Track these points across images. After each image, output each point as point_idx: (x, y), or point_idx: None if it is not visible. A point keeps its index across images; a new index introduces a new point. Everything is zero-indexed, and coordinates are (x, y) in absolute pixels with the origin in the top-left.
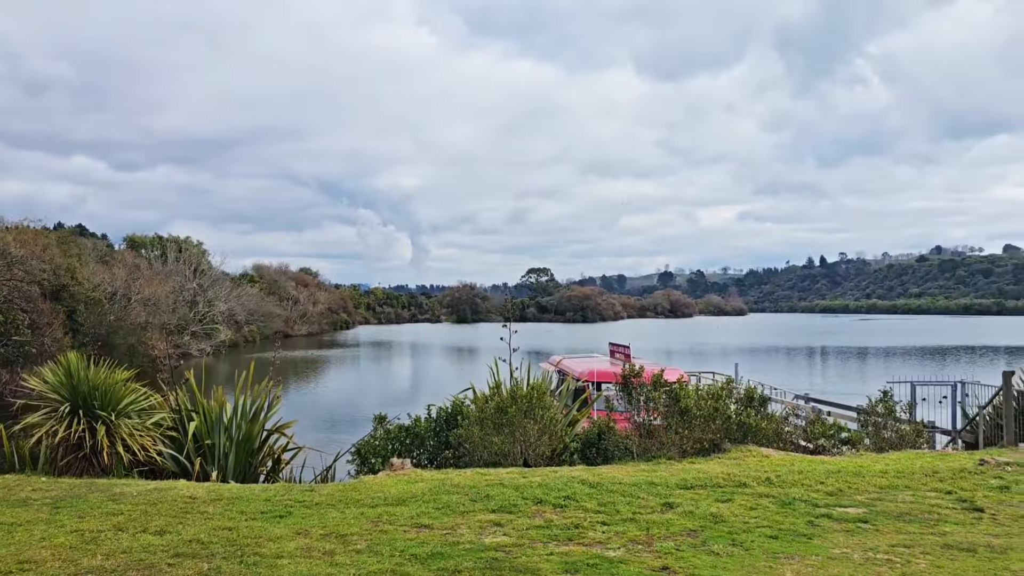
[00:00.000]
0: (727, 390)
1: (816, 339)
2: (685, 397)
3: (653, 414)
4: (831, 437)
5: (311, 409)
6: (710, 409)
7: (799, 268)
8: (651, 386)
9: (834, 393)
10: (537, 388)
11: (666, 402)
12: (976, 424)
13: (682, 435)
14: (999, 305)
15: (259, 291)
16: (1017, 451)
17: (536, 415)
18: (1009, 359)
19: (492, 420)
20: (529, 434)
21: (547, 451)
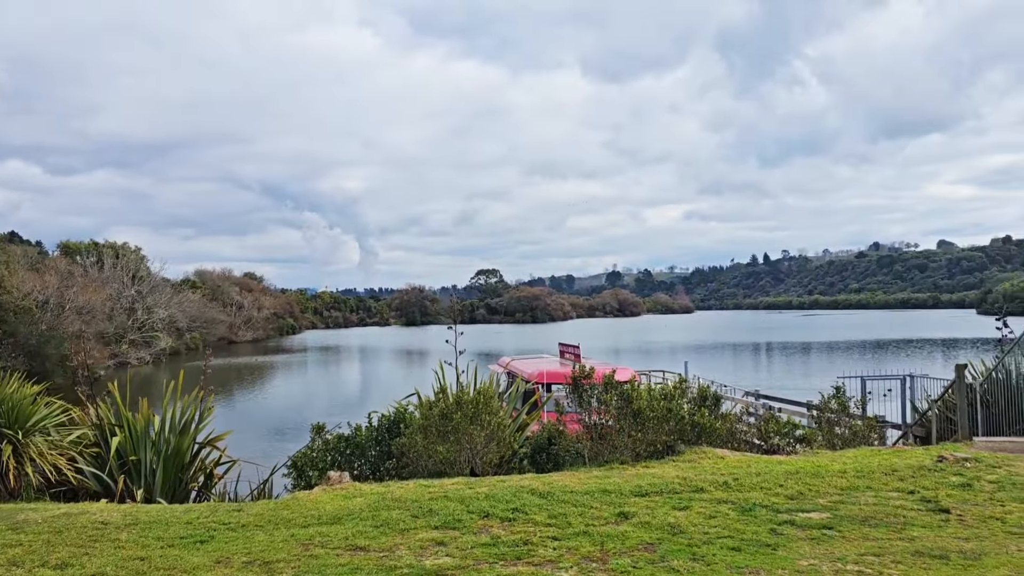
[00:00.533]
0: (680, 390)
1: (761, 335)
2: (638, 398)
3: (605, 416)
4: (785, 435)
5: (255, 418)
6: (663, 410)
7: (744, 266)
8: (603, 387)
9: (782, 389)
10: (484, 392)
11: (618, 404)
12: (928, 418)
13: (635, 438)
14: (935, 299)
15: (201, 297)
16: (972, 446)
17: (483, 421)
18: (945, 351)
19: (436, 428)
20: (476, 441)
21: (495, 458)
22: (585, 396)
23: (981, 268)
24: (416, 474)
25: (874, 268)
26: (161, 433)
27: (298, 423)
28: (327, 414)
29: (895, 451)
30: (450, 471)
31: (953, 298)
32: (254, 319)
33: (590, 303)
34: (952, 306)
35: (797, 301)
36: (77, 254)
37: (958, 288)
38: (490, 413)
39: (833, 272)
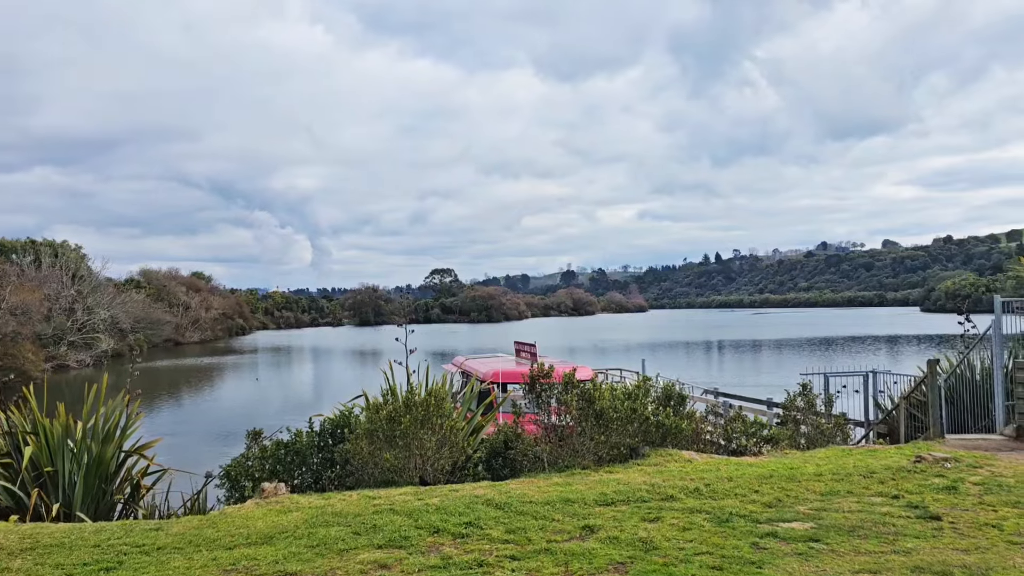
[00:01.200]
0: (643, 389)
1: (714, 334)
2: (600, 398)
3: (565, 418)
4: (753, 435)
5: (198, 422)
6: (627, 411)
7: (696, 265)
8: (562, 387)
9: (738, 386)
10: (435, 394)
11: (580, 404)
12: (896, 415)
13: (597, 441)
14: (880, 297)
15: (146, 297)
16: (945, 444)
17: (434, 424)
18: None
19: (384, 432)
20: (426, 447)
21: (447, 465)
22: (544, 396)
23: (924, 267)
24: (362, 483)
25: (822, 267)
26: (83, 441)
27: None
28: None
29: (867, 451)
30: (398, 479)
31: (898, 296)
32: (202, 320)
33: (545, 302)
34: (897, 304)
35: (748, 300)
36: (13, 252)
37: (902, 286)
38: (442, 416)
39: (783, 271)
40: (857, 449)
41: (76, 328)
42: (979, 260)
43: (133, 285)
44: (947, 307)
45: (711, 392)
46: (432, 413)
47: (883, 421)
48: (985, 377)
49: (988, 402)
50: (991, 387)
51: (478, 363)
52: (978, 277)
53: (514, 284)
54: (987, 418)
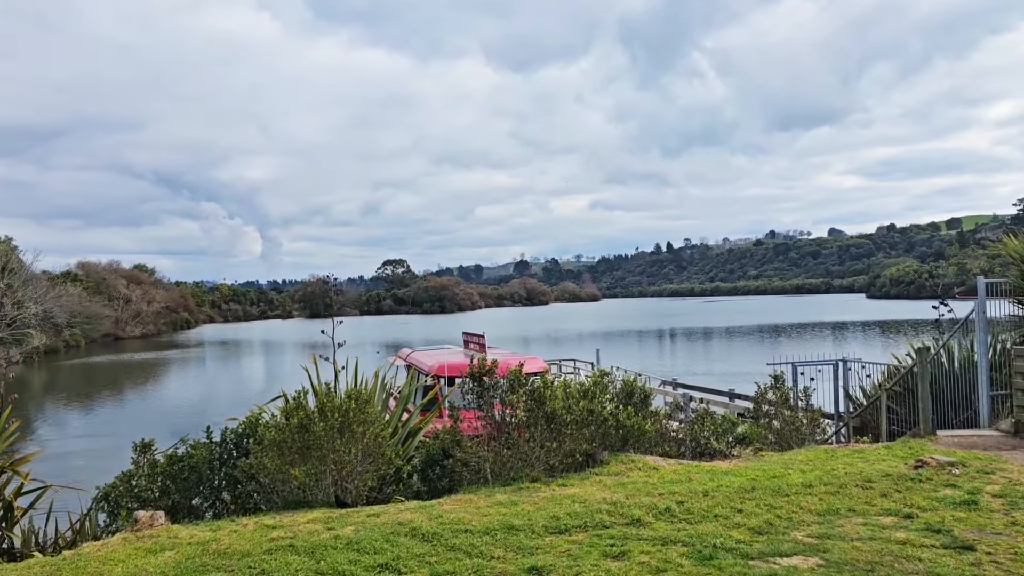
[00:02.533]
0: (601, 385)
1: (667, 322)
2: (552, 399)
3: (511, 420)
4: (724, 435)
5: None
6: (583, 412)
7: (648, 254)
8: (508, 385)
9: (693, 375)
10: (357, 396)
11: (528, 405)
12: (876, 409)
13: (549, 448)
14: (827, 284)
15: (83, 291)
16: (937, 441)
17: (355, 432)
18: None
19: (295, 443)
20: (344, 460)
21: (372, 480)
22: (487, 396)
23: (868, 255)
24: (270, 505)
25: (771, 255)
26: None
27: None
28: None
29: (853, 451)
30: (312, 499)
31: (844, 283)
32: (143, 313)
33: (499, 292)
34: (843, 291)
35: (699, 288)
36: None
37: (848, 273)
38: (365, 422)
39: (733, 260)
40: (841, 449)
41: (5, 323)
42: (921, 248)
43: (70, 278)
44: (891, 293)
45: (670, 383)
46: (353, 419)
47: (857, 414)
48: (967, 366)
49: (970, 393)
50: (974, 376)
51: (424, 355)
52: (920, 264)
53: (468, 275)
54: (969, 410)
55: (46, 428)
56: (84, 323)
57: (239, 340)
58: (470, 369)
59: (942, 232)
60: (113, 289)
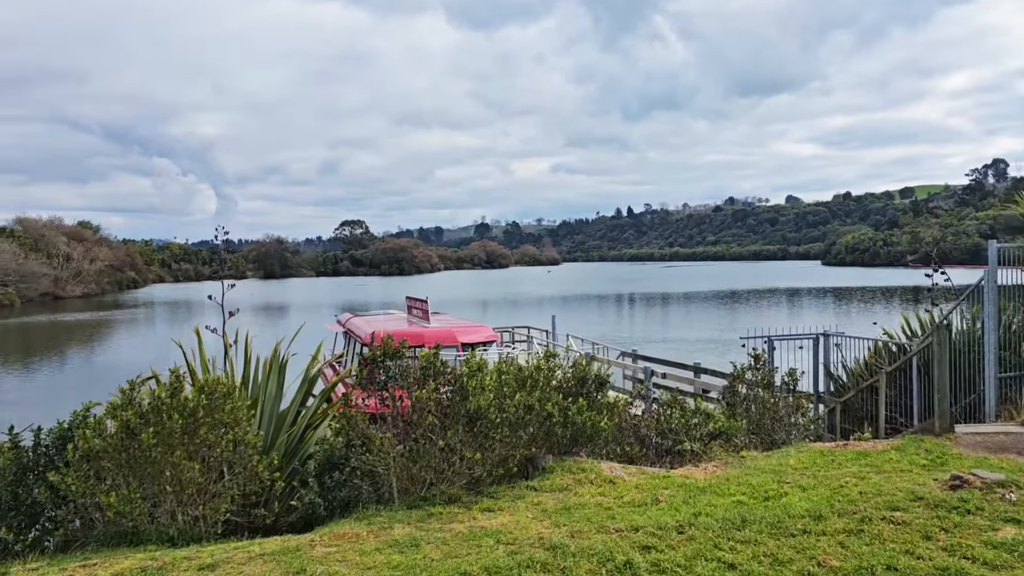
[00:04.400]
0: (547, 370)
1: (626, 287)
2: (475, 393)
3: (420, 422)
4: (695, 428)
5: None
6: (519, 409)
7: (608, 219)
8: (416, 376)
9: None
10: (211, 389)
11: (449, 400)
12: (869, 392)
13: (470, 458)
14: (783, 251)
15: (19, 247)
16: (956, 441)
17: (205, 441)
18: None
19: (117, 454)
20: (186, 478)
21: (227, 503)
22: (391, 388)
23: (824, 222)
24: (88, 538)
25: (729, 221)
26: None
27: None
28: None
29: (856, 453)
30: (146, 531)
31: (800, 250)
32: (85, 272)
33: (458, 255)
34: (799, 257)
35: (659, 253)
36: None
37: (804, 240)
38: (220, 425)
39: (692, 225)
40: (840, 451)
41: None
42: (876, 216)
43: (4, 234)
44: (847, 260)
45: (629, 355)
46: (202, 421)
47: (845, 399)
48: (970, 342)
49: (974, 374)
50: (979, 354)
51: (362, 322)
52: (875, 232)
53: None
54: (972, 394)
55: None
56: (19, 281)
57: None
58: (372, 351)
59: (896, 201)
60: (52, 246)
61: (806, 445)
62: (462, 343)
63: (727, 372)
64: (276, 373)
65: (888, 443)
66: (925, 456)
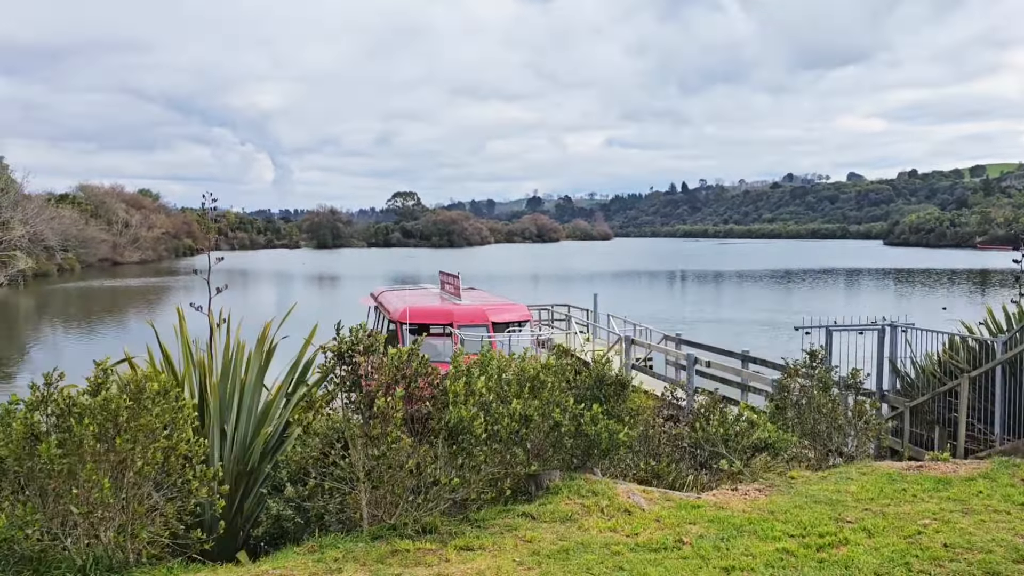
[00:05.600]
0: (558, 369)
1: (678, 263)
2: (457, 401)
3: (385, 435)
4: (738, 439)
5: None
6: (513, 421)
7: (662, 194)
8: (384, 382)
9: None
10: (138, 389)
11: (431, 406)
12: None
13: (445, 484)
14: (843, 230)
15: (81, 214)
16: None
17: (131, 451)
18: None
19: (21, 465)
20: (94, 499)
21: (160, 527)
22: (365, 390)
23: (888, 201)
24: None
25: (787, 199)
26: None
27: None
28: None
29: (934, 481)
30: (54, 558)
31: (860, 229)
32: (142, 239)
33: (509, 228)
34: (859, 237)
35: (713, 230)
36: None
37: (865, 220)
38: (147, 433)
39: (748, 202)
40: (911, 474)
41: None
42: (943, 195)
43: (68, 201)
44: (910, 241)
45: (671, 338)
46: (126, 426)
47: (916, 403)
48: None
49: None
50: None
51: (394, 296)
52: (942, 212)
53: (480, 209)
54: None
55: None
56: (79, 247)
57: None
58: (338, 346)
59: (965, 180)
60: (112, 213)
61: (870, 465)
62: (493, 322)
63: (778, 363)
64: (260, 360)
65: (973, 466)
66: (1023, 488)
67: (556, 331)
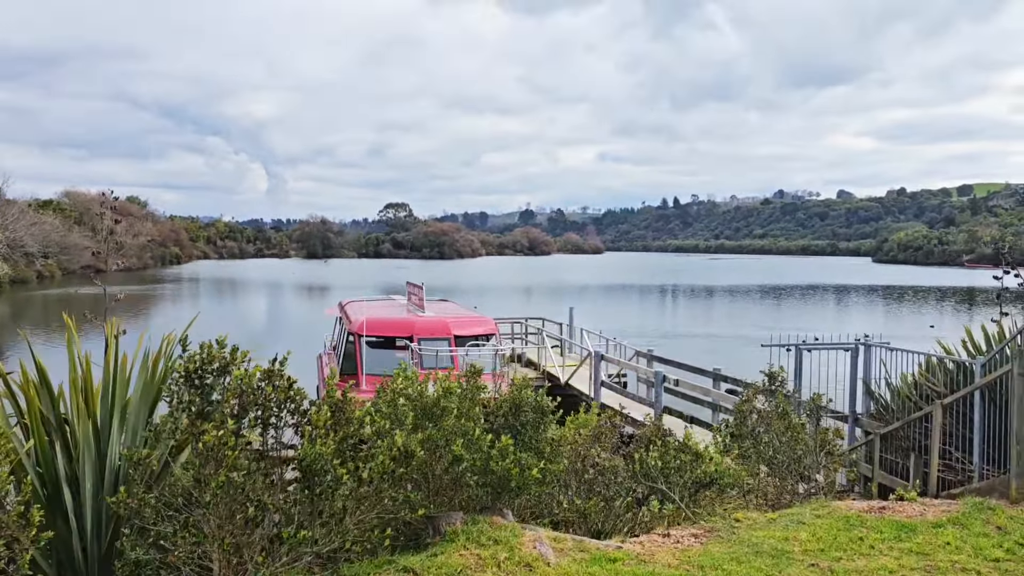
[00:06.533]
0: (464, 395)
1: (667, 278)
2: (319, 435)
3: (213, 477)
4: (678, 475)
5: None
6: (388, 460)
7: (654, 209)
8: (229, 410)
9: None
10: None
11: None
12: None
13: (291, 540)
14: (833, 247)
15: (64, 220)
16: None
17: None
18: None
19: None
20: None
21: None
22: (192, 427)
23: (877, 218)
24: None
25: (778, 215)
26: None
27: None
28: None
29: (895, 527)
30: None
31: (850, 246)
32: (127, 246)
33: (501, 241)
34: (848, 254)
35: (704, 245)
36: None
37: (855, 236)
38: None
39: (739, 217)
40: (872, 519)
41: None
42: (931, 213)
43: (51, 207)
44: (899, 258)
45: (643, 355)
46: None
47: (889, 430)
48: None
49: None
50: None
51: (357, 308)
52: (930, 230)
53: (472, 222)
54: None
55: None
56: (60, 253)
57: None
58: (185, 362)
59: (953, 199)
60: (97, 220)
61: (827, 505)
62: (455, 335)
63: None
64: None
65: (943, 508)
66: (998, 539)
67: (532, 344)
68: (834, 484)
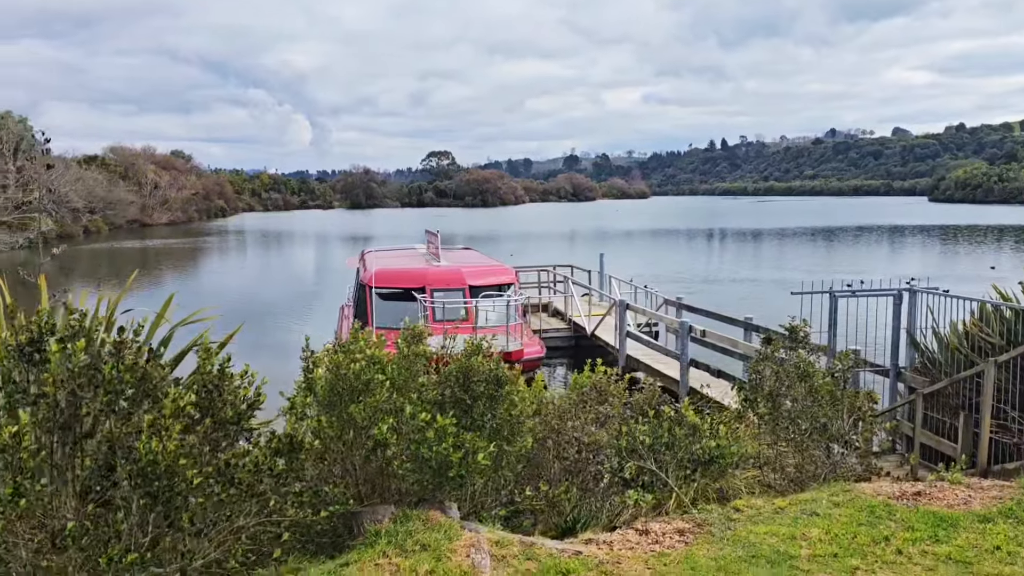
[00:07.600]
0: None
1: (714, 221)
2: (162, 425)
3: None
4: (667, 451)
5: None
6: (267, 456)
7: (701, 151)
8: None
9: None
10: None
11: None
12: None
13: (117, 553)
14: (887, 186)
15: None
16: None
17: None
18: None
19: None
20: None
21: None
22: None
23: (934, 156)
24: None
25: (829, 155)
26: None
27: None
28: None
29: (937, 518)
30: None
31: (905, 185)
32: (172, 200)
33: (544, 187)
34: (904, 193)
35: (752, 187)
36: None
37: (910, 175)
38: None
39: (789, 158)
40: (901, 508)
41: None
42: (991, 149)
43: (96, 163)
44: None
45: (672, 303)
46: None
47: (934, 388)
48: None
49: None
50: None
51: (374, 258)
52: (990, 166)
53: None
54: None
55: None
56: (106, 208)
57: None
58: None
59: (1016, 133)
60: (142, 175)
61: (849, 489)
62: (470, 285)
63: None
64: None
65: (993, 495)
66: None
67: (556, 295)
68: (870, 447)
